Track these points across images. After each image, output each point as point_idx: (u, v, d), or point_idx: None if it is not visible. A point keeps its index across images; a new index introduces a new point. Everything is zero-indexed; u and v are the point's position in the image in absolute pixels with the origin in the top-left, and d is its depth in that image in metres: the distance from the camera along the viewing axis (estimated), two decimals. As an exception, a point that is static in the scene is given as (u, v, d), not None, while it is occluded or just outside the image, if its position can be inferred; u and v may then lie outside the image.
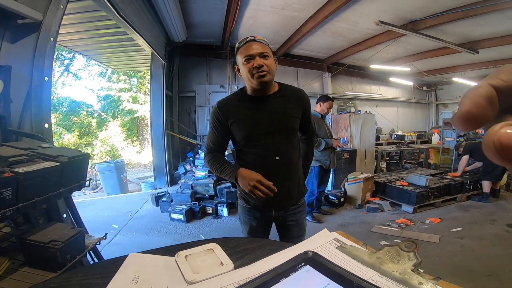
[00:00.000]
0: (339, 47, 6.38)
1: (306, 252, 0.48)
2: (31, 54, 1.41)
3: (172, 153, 5.82)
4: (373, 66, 6.60)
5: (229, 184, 4.15)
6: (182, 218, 3.59)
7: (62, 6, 1.52)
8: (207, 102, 6.37)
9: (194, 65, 6.46)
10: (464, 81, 7.57)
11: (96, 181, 6.20)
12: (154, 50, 4.55)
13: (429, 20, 4.40)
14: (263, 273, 0.43)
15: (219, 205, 3.86)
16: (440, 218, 3.56)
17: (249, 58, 1.15)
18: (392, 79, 8.06)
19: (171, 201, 3.98)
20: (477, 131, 6.78)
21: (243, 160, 1.31)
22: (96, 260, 1.47)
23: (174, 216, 3.64)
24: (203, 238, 3.10)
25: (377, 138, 6.02)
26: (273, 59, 1.21)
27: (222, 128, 1.27)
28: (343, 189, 4.26)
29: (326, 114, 3.46)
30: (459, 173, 4.55)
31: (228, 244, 0.56)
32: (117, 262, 0.45)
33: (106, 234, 1.43)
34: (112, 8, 2.68)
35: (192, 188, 4.14)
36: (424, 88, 9.39)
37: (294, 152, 1.31)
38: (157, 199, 4.22)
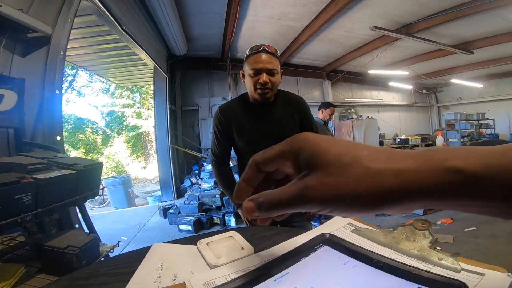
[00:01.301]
0: (336, 54, 6.48)
1: (323, 234, 0.49)
2: (42, 68, 1.46)
3: (178, 167, 5.85)
4: (371, 72, 6.68)
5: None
6: (191, 229, 3.60)
7: (70, 20, 1.59)
8: (209, 115, 6.41)
9: (195, 78, 6.56)
10: (462, 82, 7.60)
11: (103, 196, 6.23)
12: (156, 64, 4.66)
13: (421, 23, 4.50)
14: (282, 255, 0.44)
15: (226, 215, 3.88)
16: (451, 219, 3.52)
17: (257, 72, 1.17)
18: (391, 83, 8.13)
19: (179, 212, 3.99)
20: (480, 130, 6.73)
21: (243, 166, 1.33)
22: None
23: (182, 227, 3.65)
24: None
25: (381, 143, 6.01)
26: (279, 75, 1.22)
27: (225, 133, 1.29)
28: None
29: (329, 120, 3.45)
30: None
31: (246, 233, 0.57)
32: (141, 253, 0.47)
33: (119, 241, 1.44)
34: (116, 23, 2.77)
35: (199, 199, 4.16)
36: (424, 91, 9.46)
37: None
38: (165, 211, 4.24)
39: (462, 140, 6.19)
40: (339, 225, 0.61)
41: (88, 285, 0.36)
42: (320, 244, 0.47)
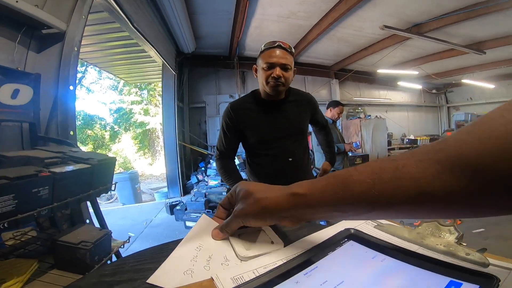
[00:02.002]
0: (345, 53, 6.43)
1: (348, 229, 0.51)
2: (56, 63, 1.48)
3: (184, 164, 5.89)
4: (380, 71, 6.62)
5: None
6: (197, 226, 3.60)
7: (84, 16, 1.61)
8: (217, 113, 6.46)
9: (203, 76, 6.59)
10: (473, 83, 7.48)
11: (111, 192, 6.30)
12: (165, 61, 4.69)
13: (432, 23, 4.43)
14: (309, 249, 0.44)
15: None
16: (460, 220, 3.43)
17: (270, 66, 1.18)
18: (400, 83, 8.05)
19: (185, 209, 4.01)
20: None
21: (255, 162, 1.33)
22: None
23: (189, 224, 3.67)
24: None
25: (389, 143, 5.93)
26: (292, 71, 1.24)
27: (234, 130, 1.29)
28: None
29: (337, 119, 3.45)
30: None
31: (274, 227, 0.56)
32: (163, 248, 0.46)
33: (129, 237, 1.45)
34: (127, 19, 2.79)
35: (205, 196, 4.18)
36: (434, 91, 9.33)
37: (304, 153, 1.35)
38: (171, 207, 4.26)
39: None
40: (361, 221, 0.60)
41: (115, 281, 0.36)
42: (346, 239, 0.47)
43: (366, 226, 0.57)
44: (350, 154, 4.05)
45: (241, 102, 1.35)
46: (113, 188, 1.28)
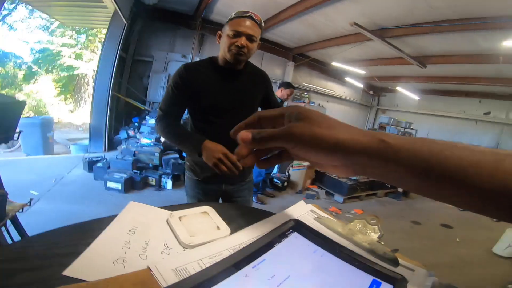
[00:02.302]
0: (309, 40, 6.48)
1: (292, 220, 0.50)
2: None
3: (115, 116, 5.27)
4: (334, 64, 6.93)
5: (177, 155, 3.98)
6: (120, 188, 3.26)
7: None
8: (164, 69, 5.94)
9: (158, 30, 5.97)
10: (404, 91, 8.52)
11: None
12: (118, 8, 3.97)
13: (398, 30, 4.68)
14: (255, 239, 0.43)
15: (163, 176, 3.63)
16: (362, 210, 3.96)
17: (236, 34, 1.13)
18: (347, 78, 8.63)
19: (108, 167, 3.59)
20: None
21: (200, 129, 1.27)
22: (14, 231, 1.23)
23: (110, 184, 3.29)
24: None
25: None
26: (256, 44, 1.21)
27: (185, 92, 1.19)
28: (287, 174, 4.47)
29: (285, 100, 3.57)
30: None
31: (218, 210, 0.53)
32: (84, 228, 0.37)
33: (31, 199, 1.22)
34: None
35: (134, 155, 3.82)
36: (371, 92, 10.31)
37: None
38: (91, 164, 3.76)
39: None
40: (302, 211, 0.63)
41: (18, 269, 0.27)
42: (291, 230, 0.48)
43: (307, 217, 0.59)
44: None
45: (197, 64, 1.26)
46: (16, 138, 1.02)
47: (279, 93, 3.47)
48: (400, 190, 4.92)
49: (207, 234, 0.40)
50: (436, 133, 8.78)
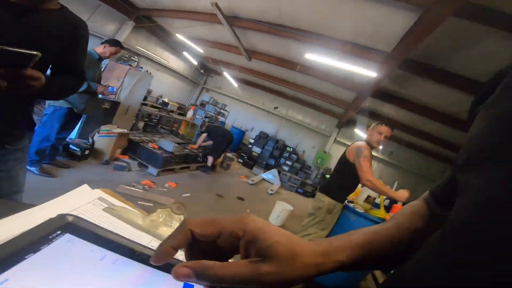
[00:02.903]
0: (164, 5, 5.76)
1: (62, 216, 0.35)
2: None
3: None
4: (178, 36, 6.60)
5: None
6: None
7: None
8: None
9: None
10: (229, 78, 9.61)
11: None
12: None
13: (248, 22, 4.91)
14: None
15: None
16: (176, 183, 3.97)
17: None
18: (185, 53, 8.57)
19: None
20: (217, 116, 8.91)
21: None
22: None
23: None
24: None
25: (145, 98, 5.97)
26: None
27: None
28: (90, 140, 3.71)
29: (106, 58, 3.07)
30: (196, 146, 5.50)
31: None
32: None
33: None
34: None
35: None
36: (202, 71, 10.80)
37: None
38: None
39: (204, 119, 7.65)
40: (86, 200, 0.50)
41: None
42: (59, 232, 0.33)
43: (92, 208, 0.48)
44: (100, 97, 3.57)
45: None
46: None
47: (100, 49, 2.97)
48: (209, 164, 5.44)
49: None
50: (242, 117, 10.79)
